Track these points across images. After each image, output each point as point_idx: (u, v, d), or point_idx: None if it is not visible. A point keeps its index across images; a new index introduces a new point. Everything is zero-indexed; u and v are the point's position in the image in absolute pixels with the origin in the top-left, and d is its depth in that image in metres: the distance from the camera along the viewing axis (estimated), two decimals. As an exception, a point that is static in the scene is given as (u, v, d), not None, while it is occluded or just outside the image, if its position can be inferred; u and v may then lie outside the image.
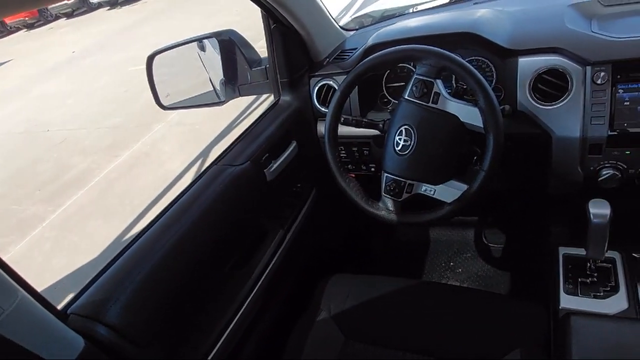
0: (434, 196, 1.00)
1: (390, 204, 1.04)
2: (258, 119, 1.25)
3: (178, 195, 0.99)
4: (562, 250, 1.09)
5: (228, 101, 1.32)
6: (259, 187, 1.13)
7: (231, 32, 1.26)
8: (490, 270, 1.64)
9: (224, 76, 1.29)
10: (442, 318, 1.07)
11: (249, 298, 1.07)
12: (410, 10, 1.51)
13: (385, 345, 1.04)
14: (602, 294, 0.98)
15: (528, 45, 1.03)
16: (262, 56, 1.32)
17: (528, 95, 1.03)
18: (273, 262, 1.16)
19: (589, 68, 0.96)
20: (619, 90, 0.95)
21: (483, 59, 1.13)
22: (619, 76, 0.94)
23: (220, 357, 0.97)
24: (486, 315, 1.05)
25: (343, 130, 1.18)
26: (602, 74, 0.94)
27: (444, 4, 1.46)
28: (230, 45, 1.27)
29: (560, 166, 1.04)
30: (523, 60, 1.03)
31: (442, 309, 1.09)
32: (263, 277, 1.12)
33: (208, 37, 1.24)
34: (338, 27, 1.39)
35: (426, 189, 1.00)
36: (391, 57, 0.99)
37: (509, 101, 1.06)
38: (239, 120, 4.33)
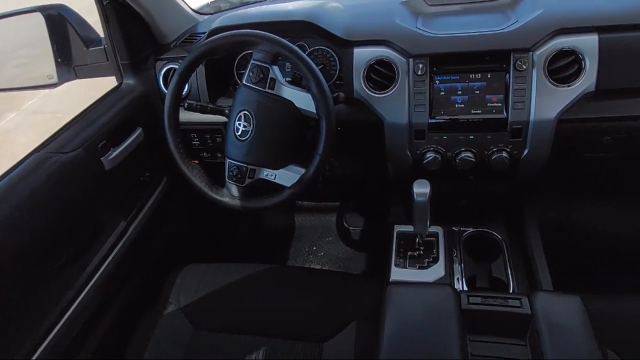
0: (275, 181, 1.01)
1: (234, 189, 1.03)
2: (95, 102, 1.15)
3: None
4: (397, 228, 1.19)
5: (62, 83, 1.19)
6: (94, 177, 1.05)
7: (61, 7, 1.13)
8: (349, 252, 1.73)
9: (55, 55, 1.17)
10: (290, 300, 1.10)
11: (82, 295, 0.99)
12: (268, -2, 1.51)
13: (232, 332, 1.04)
14: (425, 264, 1.09)
15: (361, 37, 1.10)
16: (101, 35, 1.22)
17: (362, 84, 1.09)
18: (112, 255, 1.08)
19: (411, 60, 1.05)
20: (436, 81, 1.05)
21: (327, 48, 1.18)
22: (435, 68, 1.04)
23: (47, 358, 0.89)
24: (332, 294, 1.10)
25: (194, 117, 1.14)
26: (421, 65, 1.04)
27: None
28: (61, 22, 1.15)
29: (393, 150, 1.13)
30: (357, 51, 1.09)
31: (292, 292, 1.12)
32: (99, 272, 1.04)
33: (30, 11, 1.10)
34: (189, 9, 1.34)
35: (267, 173, 1.01)
36: (226, 41, 0.98)
37: (348, 89, 1.12)
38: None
